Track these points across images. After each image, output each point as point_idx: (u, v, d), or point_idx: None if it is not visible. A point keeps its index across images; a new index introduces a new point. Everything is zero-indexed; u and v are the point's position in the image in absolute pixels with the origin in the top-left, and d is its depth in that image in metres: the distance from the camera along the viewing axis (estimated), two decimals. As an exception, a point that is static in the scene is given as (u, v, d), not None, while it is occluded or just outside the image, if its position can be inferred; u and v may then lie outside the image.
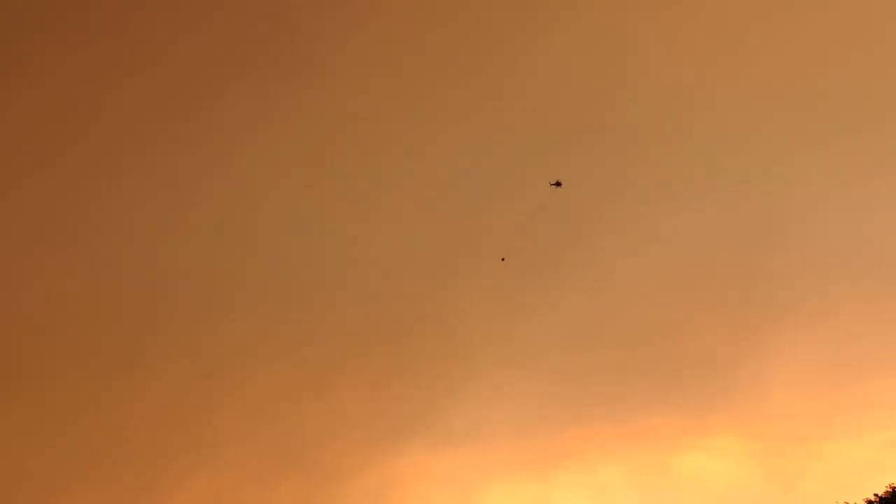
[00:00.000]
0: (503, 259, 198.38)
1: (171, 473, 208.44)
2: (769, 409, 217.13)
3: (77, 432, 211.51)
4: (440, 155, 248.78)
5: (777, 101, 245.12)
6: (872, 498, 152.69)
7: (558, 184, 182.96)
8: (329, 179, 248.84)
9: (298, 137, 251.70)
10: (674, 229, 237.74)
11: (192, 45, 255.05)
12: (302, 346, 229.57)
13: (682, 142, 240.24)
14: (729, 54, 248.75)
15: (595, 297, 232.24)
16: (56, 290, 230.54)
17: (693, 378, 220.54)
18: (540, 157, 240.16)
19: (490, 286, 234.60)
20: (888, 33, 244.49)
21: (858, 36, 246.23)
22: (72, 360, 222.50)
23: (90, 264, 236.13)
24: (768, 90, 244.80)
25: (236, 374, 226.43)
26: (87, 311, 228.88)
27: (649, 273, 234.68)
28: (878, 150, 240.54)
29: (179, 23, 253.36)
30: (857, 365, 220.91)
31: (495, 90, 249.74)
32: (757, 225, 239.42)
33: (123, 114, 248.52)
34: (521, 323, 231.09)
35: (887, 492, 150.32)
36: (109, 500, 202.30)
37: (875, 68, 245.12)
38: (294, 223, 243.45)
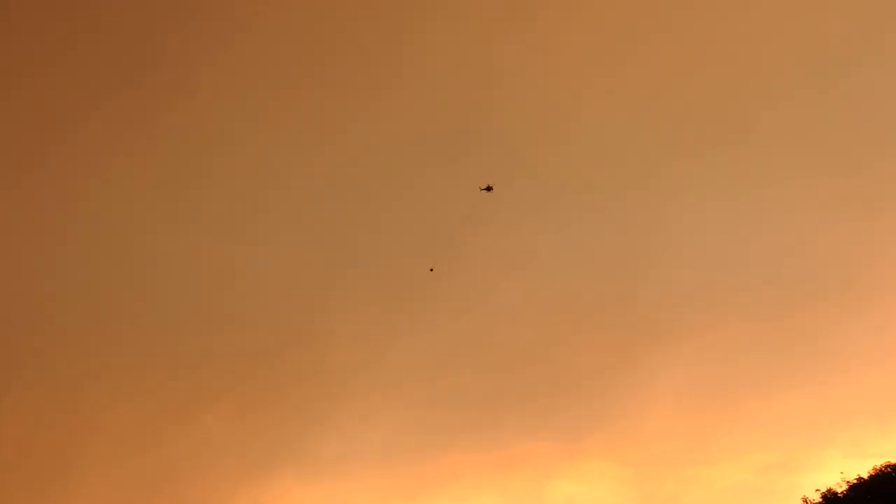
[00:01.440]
0: (432, 269, 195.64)
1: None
2: (645, 433, 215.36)
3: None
4: (312, 179, 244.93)
5: (651, 118, 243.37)
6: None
7: (489, 188, 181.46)
8: (197, 205, 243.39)
9: (173, 156, 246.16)
10: (548, 249, 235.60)
11: (66, 60, 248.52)
12: (169, 372, 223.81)
13: (557, 160, 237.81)
14: (603, 71, 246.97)
15: (468, 319, 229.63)
16: None
17: (568, 402, 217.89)
18: (411, 178, 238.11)
19: (362, 311, 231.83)
20: (764, 47, 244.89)
21: (735, 48, 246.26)
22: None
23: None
24: (643, 107, 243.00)
25: (101, 402, 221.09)
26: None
27: (523, 294, 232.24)
28: (754, 164, 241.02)
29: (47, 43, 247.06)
30: (733, 386, 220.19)
31: (370, 113, 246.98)
32: (632, 245, 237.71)
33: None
34: (394, 347, 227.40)
35: None
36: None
37: (752, 81, 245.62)
38: (161, 248, 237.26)
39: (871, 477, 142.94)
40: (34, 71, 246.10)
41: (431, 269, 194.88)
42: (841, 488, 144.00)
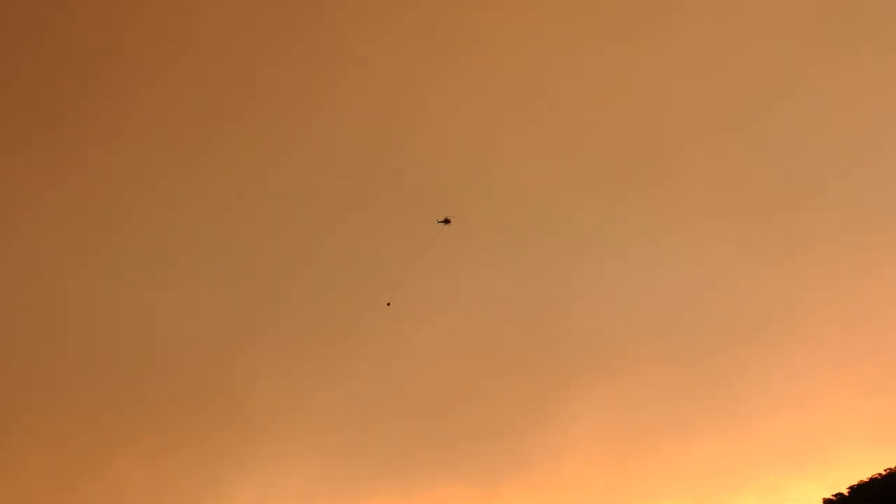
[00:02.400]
0: (388, 304, 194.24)
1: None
2: (562, 477, 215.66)
3: None
4: (233, 222, 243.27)
5: (568, 161, 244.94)
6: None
7: (447, 221, 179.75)
8: (117, 246, 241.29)
9: (90, 197, 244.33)
10: (468, 294, 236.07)
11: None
12: (84, 417, 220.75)
13: (472, 203, 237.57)
14: (523, 115, 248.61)
15: (387, 365, 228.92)
16: None
17: (485, 447, 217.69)
18: (331, 223, 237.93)
19: (283, 356, 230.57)
20: (680, 91, 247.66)
21: (651, 92, 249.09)
22: None
23: None
24: (560, 150, 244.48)
25: (11, 449, 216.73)
26: None
27: (442, 340, 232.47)
28: (669, 207, 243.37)
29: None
30: (650, 431, 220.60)
31: (290, 158, 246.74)
32: (551, 290, 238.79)
33: None
34: (314, 392, 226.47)
35: None
36: None
37: (668, 124, 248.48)
38: (75, 291, 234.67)
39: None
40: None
41: (388, 304, 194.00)
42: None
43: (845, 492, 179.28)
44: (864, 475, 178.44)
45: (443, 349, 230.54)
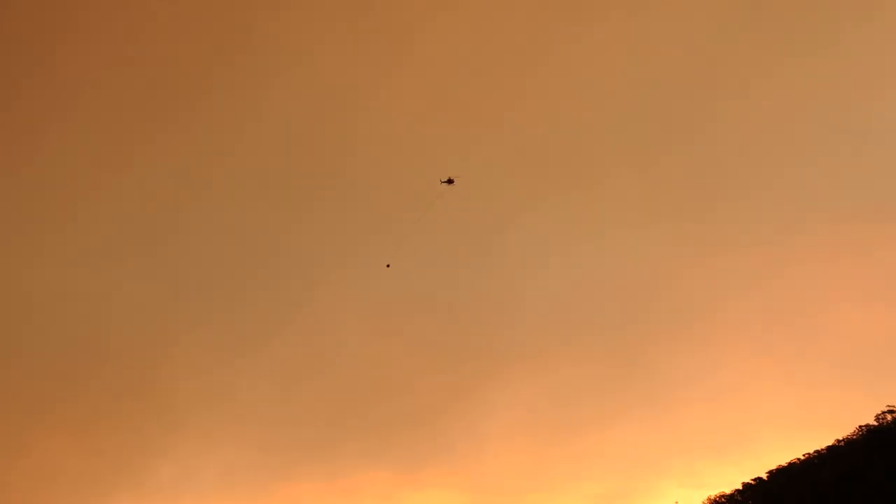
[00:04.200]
0: (388, 265, 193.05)
1: None
2: (483, 464, 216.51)
3: None
4: (165, 215, 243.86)
5: (493, 160, 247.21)
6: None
7: (450, 181, 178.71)
8: (50, 236, 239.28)
9: (38, 188, 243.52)
10: (392, 290, 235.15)
11: None
12: (3, 397, 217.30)
13: (402, 200, 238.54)
14: (464, 116, 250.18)
15: (311, 356, 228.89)
16: None
17: (408, 432, 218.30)
18: (255, 221, 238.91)
19: (208, 342, 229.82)
20: (615, 101, 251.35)
21: (588, 99, 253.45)
22: None
23: None
24: (495, 153, 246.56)
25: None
26: None
27: (368, 325, 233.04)
28: (595, 209, 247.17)
29: None
30: (570, 420, 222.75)
31: (206, 158, 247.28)
32: (474, 282, 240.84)
33: None
34: (237, 383, 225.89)
35: None
36: None
37: (600, 131, 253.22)
38: (10, 277, 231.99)
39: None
40: None
41: (388, 266, 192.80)
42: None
43: (764, 476, 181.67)
44: (783, 460, 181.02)
45: (367, 340, 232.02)
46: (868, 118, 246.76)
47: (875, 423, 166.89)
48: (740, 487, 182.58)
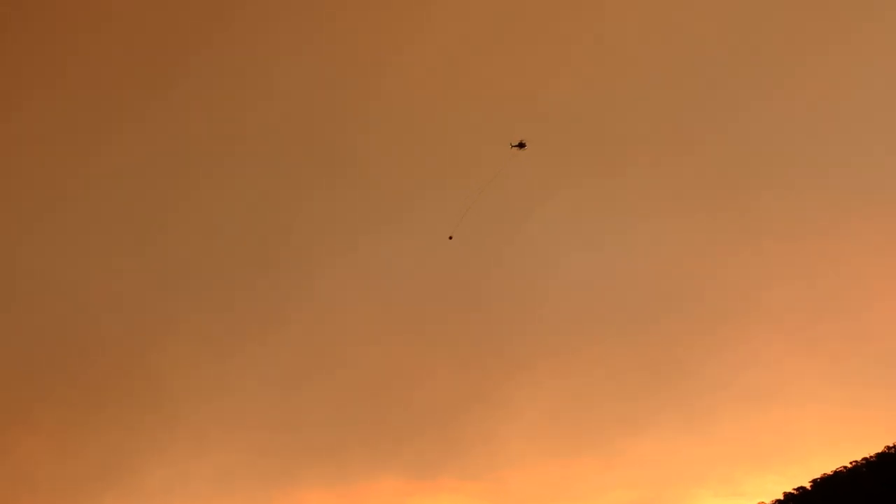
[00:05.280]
0: (451, 237, 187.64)
1: None
2: (504, 470, 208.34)
3: None
4: (154, 207, 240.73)
5: (516, 149, 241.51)
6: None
7: (522, 145, 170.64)
8: (38, 227, 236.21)
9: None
10: (406, 281, 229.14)
11: None
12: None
13: (415, 191, 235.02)
14: (490, 94, 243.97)
15: (315, 345, 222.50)
16: None
17: (421, 434, 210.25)
18: (251, 218, 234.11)
19: (203, 337, 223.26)
20: (644, 71, 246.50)
21: (619, 90, 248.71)
22: None
23: None
24: (508, 135, 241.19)
25: None
26: None
27: (377, 317, 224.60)
28: (630, 197, 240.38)
29: None
30: (599, 423, 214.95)
31: (194, 150, 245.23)
32: (497, 273, 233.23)
33: None
34: (234, 369, 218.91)
35: None
36: None
37: (631, 106, 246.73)
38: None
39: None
40: None
41: (451, 238, 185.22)
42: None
43: (808, 485, 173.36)
44: (828, 468, 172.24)
45: (381, 328, 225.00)
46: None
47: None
48: (781, 497, 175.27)
